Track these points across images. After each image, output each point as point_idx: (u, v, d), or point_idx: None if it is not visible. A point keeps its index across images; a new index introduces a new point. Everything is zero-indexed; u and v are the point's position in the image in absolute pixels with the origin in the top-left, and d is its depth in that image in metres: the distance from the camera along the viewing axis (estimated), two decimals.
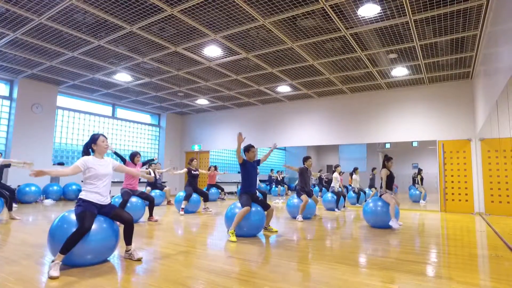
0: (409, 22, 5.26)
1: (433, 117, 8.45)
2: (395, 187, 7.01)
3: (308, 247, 3.92)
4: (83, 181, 3.15)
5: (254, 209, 4.49)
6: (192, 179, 7.30)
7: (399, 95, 9.00)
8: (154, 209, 6.01)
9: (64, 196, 9.32)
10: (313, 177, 6.77)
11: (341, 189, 8.21)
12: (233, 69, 7.77)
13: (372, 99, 9.37)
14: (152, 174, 8.63)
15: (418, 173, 10.64)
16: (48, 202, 8.63)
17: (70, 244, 2.74)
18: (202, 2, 4.77)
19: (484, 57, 5.81)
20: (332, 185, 8.25)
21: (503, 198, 7.32)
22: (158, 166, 9.84)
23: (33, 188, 8.31)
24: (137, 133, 12.36)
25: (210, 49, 6.56)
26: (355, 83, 8.66)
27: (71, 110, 10.32)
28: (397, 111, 8.98)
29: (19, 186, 8.26)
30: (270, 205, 4.75)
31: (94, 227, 2.94)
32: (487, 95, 5.45)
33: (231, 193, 12.63)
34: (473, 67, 7.24)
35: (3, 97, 8.79)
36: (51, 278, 2.56)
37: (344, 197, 8.26)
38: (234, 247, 3.84)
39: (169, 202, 9.08)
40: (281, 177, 12.49)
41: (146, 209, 5.91)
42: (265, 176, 13.40)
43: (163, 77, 8.50)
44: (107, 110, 11.43)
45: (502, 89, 3.95)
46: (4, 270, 2.80)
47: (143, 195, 5.80)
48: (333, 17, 5.15)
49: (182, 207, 6.86)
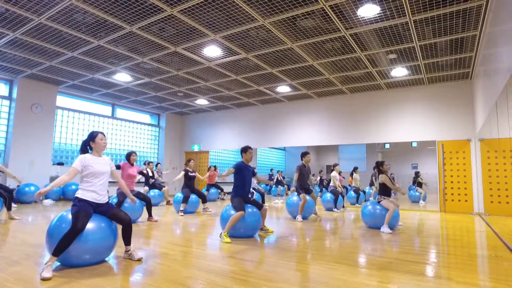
0: (409, 22, 5.27)
1: (433, 117, 8.45)
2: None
3: (307, 247, 3.92)
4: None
5: (250, 210, 4.48)
6: (189, 181, 7.29)
7: (398, 96, 9.01)
8: (153, 210, 5.99)
9: (63, 196, 9.31)
10: (312, 183, 6.68)
11: (340, 189, 8.14)
12: (232, 69, 7.77)
13: (371, 100, 9.37)
14: (150, 173, 8.62)
15: (416, 176, 10.60)
16: (47, 202, 8.62)
17: (63, 245, 2.71)
18: (202, 2, 4.77)
19: (483, 58, 5.82)
20: (331, 185, 8.18)
21: (503, 198, 7.33)
22: (158, 166, 9.85)
23: (33, 188, 8.29)
24: (137, 133, 12.36)
25: (209, 49, 6.56)
26: (355, 83, 8.67)
27: (71, 110, 10.31)
28: (396, 112, 8.99)
29: (18, 186, 8.25)
30: (262, 204, 4.70)
31: (92, 226, 2.93)
32: (486, 96, 5.45)
33: (230, 193, 12.61)
34: (472, 67, 7.24)
35: (3, 97, 8.78)
36: (44, 279, 2.54)
37: (342, 197, 8.16)
38: (233, 248, 3.84)
39: (168, 202, 9.08)
40: (281, 177, 12.48)
41: (144, 209, 5.90)
42: (266, 176, 13.39)
43: (163, 77, 8.50)
44: (107, 110, 11.43)
45: (501, 90, 3.95)
46: (4, 270, 2.80)
47: (140, 196, 5.79)
48: (332, 18, 5.16)
49: (181, 209, 6.85)
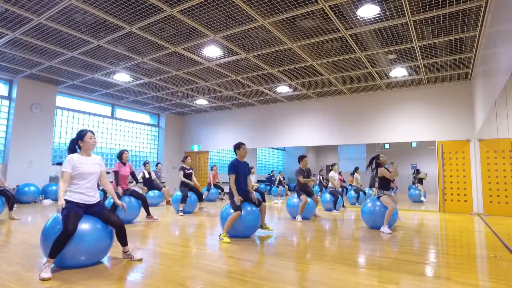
0: (409, 22, 5.27)
1: (432, 117, 8.46)
2: (394, 188, 6.98)
3: (306, 247, 3.93)
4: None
5: (249, 209, 4.44)
6: (186, 178, 7.29)
7: (398, 96, 9.01)
8: (153, 210, 5.97)
9: None
10: (311, 183, 6.61)
11: (340, 189, 8.08)
12: (232, 69, 7.77)
13: (371, 100, 9.38)
14: (147, 175, 8.60)
15: (416, 173, 10.62)
16: (47, 202, 8.61)
17: (56, 248, 2.68)
18: (201, 2, 4.78)
19: (483, 58, 5.83)
20: (329, 186, 8.11)
21: (502, 198, 7.34)
22: (158, 166, 9.85)
23: (32, 188, 8.29)
24: (137, 133, 12.36)
25: (209, 49, 6.56)
26: (355, 83, 8.67)
27: (70, 110, 10.31)
28: (396, 112, 8.99)
29: (18, 186, 8.25)
30: (261, 201, 4.65)
31: (88, 227, 2.90)
32: (486, 96, 5.46)
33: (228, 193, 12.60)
34: (472, 68, 7.25)
35: (2, 97, 8.77)
36: (43, 280, 2.54)
37: (342, 197, 8.10)
38: (232, 248, 3.85)
39: (168, 202, 9.07)
40: (282, 178, 12.48)
41: (142, 209, 5.89)
42: (264, 176, 13.39)
43: (163, 77, 8.50)
44: (107, 110, 11.42)
45: (500, 90, 3.96)
46: (3, 270, 2.80)
47: (135, 194, 5.74)
48: (332, 18, 5.16)
49: (180, 209, 6.84)
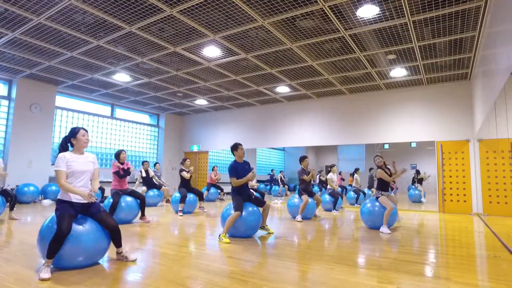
0: (408, 23, 5.28)
1: (432, 118, 8.46)
2: (394, 189, 6.97)
3: (306, 248, 3.93)
4: None
5: (250, 209, 4.45)
6: (185, 179, 7.30)
7: (397, 96, 9.02)
8: (152, 210, 5.96)
9: None
10: (313, 181, 6.61)
11: (339, 190, 8.09)
12: (232, 69, 7.77)
13: (371, 100, 9.38)
14: (144, 174, 8.59)
15: (416, 174, 10.65)
16: (46, 202, 8.61)
17: (53, 248, 2.67)
18: (201, 2, 4.78)
19: (482, 59, 5.83)
20: (328, 187, 8.09)
21: (501, 198, 7.34)
22: (156, 166, 9.84)
23: (32, 188, 8.28)
24: (136, 133, 12.35)
25: (209, 50, 6.56)
26: (354, 83, 8.68)
27: (70, 110, 10.30)
28: (395, 112, 9.00)
29: (17, 186, 8.24)
30: (265, 201, 4.66)
31: (85, 228, 2.89)
32: (485, 96, 5.46)
33: (230, 194, 12.62)
34: (471, 68, 7.26)
35: (2, 97, 8.77)
36: (42, 280, 2.53)
37: (341, 197, 8.11)
38: (232, 248, 3.85)
39: (168, 200, 9.08)
40: (283, 176, 12.49)
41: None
42: (265, 176, 13.39)
43: (162, 78, 8.50)
44: (106, 110, 11.42)
45: (500, 91, 3.97)
46: (3, 270, 2.80)
47: (134, 194, 5.74)
48: (332, 18, 5.17)
49: (179, 209, 6.84)
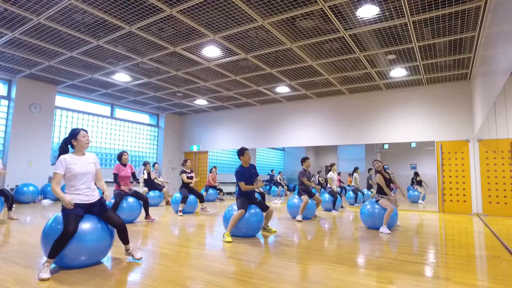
0: (408, 23, 5.28)
1: (431, 118, 8.47)
2: (394, 189, 6.97)
3: (306, 248, 3.93)
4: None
5: (252, 211, 4.50)
6: (187, 182, 7.28)
7: (397, 96, 9.02)
8: (153, 210, 5.98)
9: None
10: (314, 187, 6.64)
11: (339, 189, 8.10)
12: (232, 69, 7.77)
13: (370, 100, 9.39)
14: (146, 176, 8.59)
15: (415, 176, 10.64)
16: (46, 202, 8.61)
17: (57, 248, 2.67)
18: (201, 2, 4.78)
19: (482, 59, 5.84)
20: (328, 186, 8.11)
21: (501, 199, 7.35)
22: (156, 166, 9.83)
23: (31, 188, 8.28)
24: (136, 133, 12.35)
25: (209, 50, 6.56)
26: (354, 84, 8.68)
27: (70, 110, 10.29)
28: (395, 112, 9.00)
29: (17, 186, 8.24)
30: (269, 206, 4.73)
31: (88, 227, 2.90)
32: (485, 97, 5.46)
33: (229, 194, 12.64)
34: (471, 68, 7.26)
35: (1, 97, 8.76)
36: (41, 280, 2.53)
37: (341, 197, 8.11)
38: (232, 248, 3.85)
39: (168, 202, 9.07)
40: (282, 177, 12.50)
41: (142, 209, 5.90)
42: (265, 176, 13.39)
43: (162, 77, 8.49)
44: (106, 110, 11.41)
45: (499, 91, 3.97)
46: (2, 270, 2.80)
47: (137, 195, 5.76)
48: (332, 18, 5.17)
49: (180, 209, 6.84)
